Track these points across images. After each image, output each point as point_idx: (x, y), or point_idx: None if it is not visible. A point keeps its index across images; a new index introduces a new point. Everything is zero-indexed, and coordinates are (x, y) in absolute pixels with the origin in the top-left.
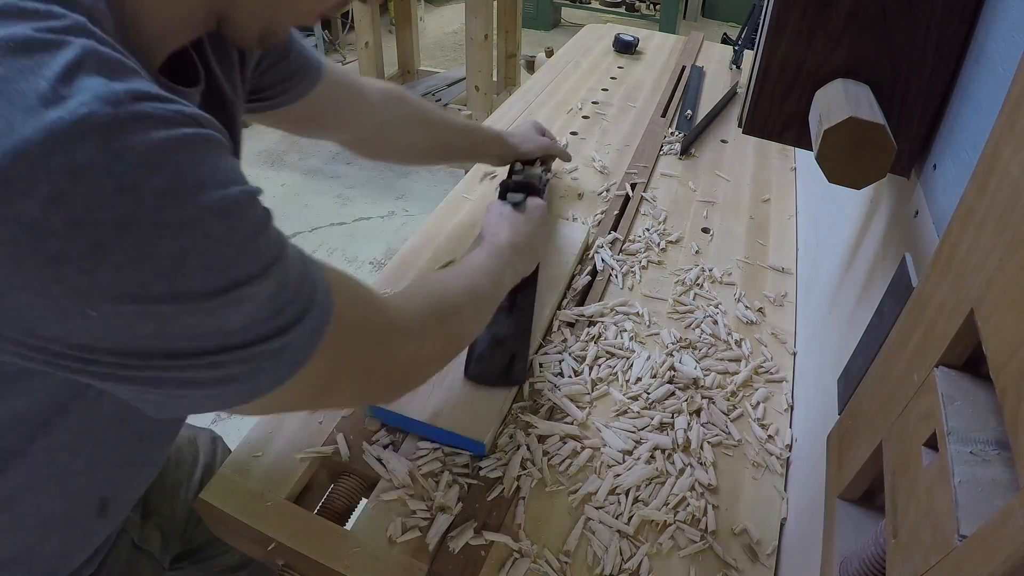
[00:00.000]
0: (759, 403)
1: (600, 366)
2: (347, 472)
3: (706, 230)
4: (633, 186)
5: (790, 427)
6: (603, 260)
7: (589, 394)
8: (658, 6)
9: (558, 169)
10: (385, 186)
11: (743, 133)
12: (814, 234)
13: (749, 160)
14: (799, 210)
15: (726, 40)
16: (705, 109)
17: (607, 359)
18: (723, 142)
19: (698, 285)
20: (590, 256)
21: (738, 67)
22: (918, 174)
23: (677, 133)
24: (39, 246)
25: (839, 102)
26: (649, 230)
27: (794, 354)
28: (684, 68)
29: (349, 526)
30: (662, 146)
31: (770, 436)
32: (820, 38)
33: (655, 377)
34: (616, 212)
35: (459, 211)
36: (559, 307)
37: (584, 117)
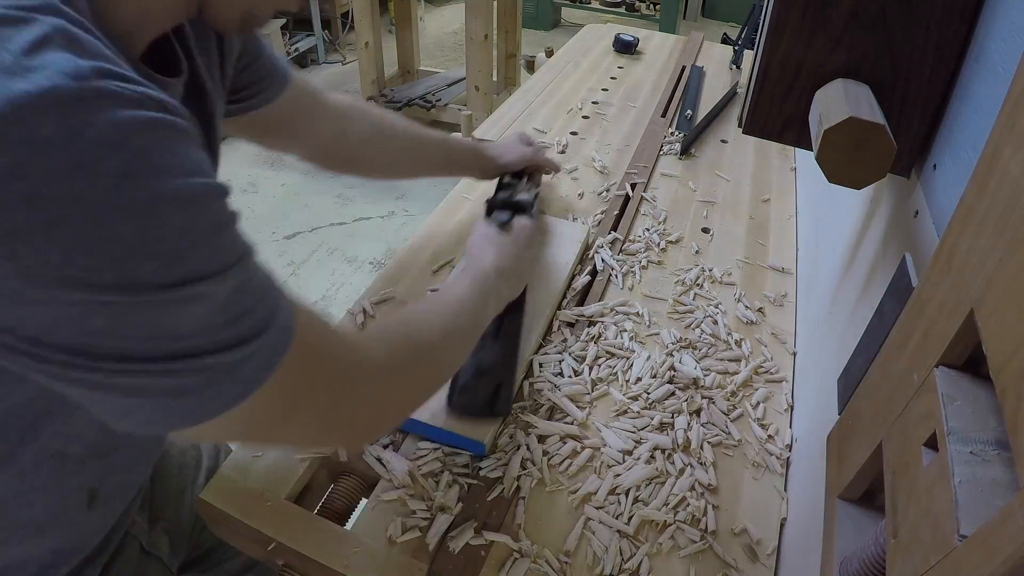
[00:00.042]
0: (759, 403)
1: (600, 366)
2: (347, 472)
3: (706, 230)
4: (633, 186)
5: (790, 427)
6: (603, 260)
7: (589, 394)
8: (658, 6)
9: (551, 177)
10: (385, 186)
11: (743, 133)
12: (814, 234)
13: (749, 160)
14: (799, 210)
15: (726, 40)
16: (705, 109)
17: (607, 359)
18: (723, 142)
19: (698, 285)
20: (590, 256)
21: (738, 67)
22: (918, 174)
23: (677, 133)
24: None
25: (839, 102)
26: (649, 230)
27: (794, 354)
28: (684, 68)
29: (349, 526)
30: (662, 146)
31: (770, 436)
32: (820, 38)
33: (655, 377)
34: (616, 212)
35: (459, 211)
36: (559, 307)
37: (584, 117)
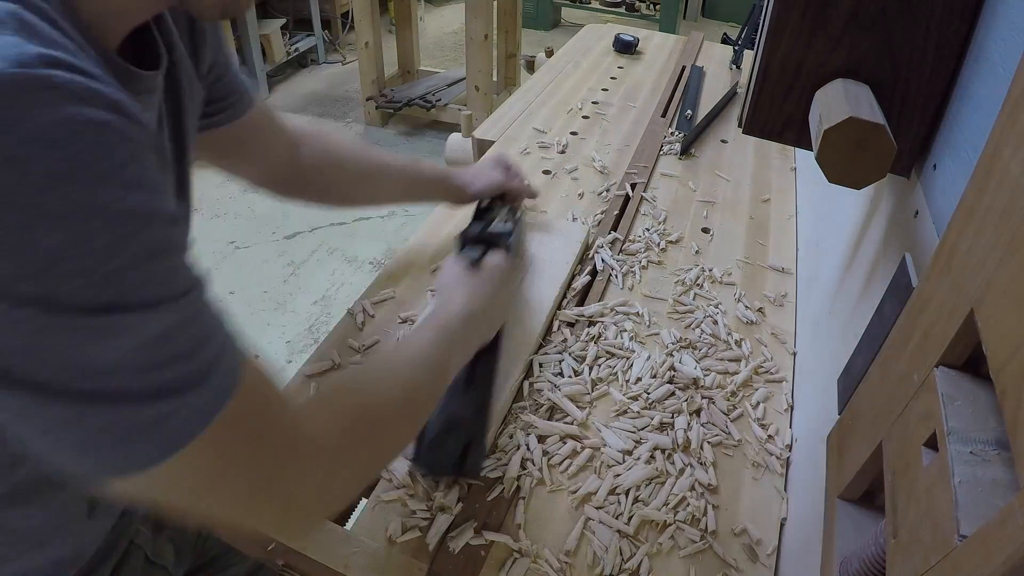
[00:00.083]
0: (759, 403)
1: (600, 366)
2: None
3: (706, 230)
4: (633, 186)
5: (790, 427)
6: (603, 260)
7: (589, 394)
8: (658, 6)
9: (533, 203)
10: None
11: (743, 133)
12: (814, 234)
13: (749, 160)
14: (799, 210)
15: (726, 40)
16: (705, 109)
17: (607, 359)
18: (723, 142)
19: (698, 285)
20: (590, 256)
21: (738, 67)
22: (918, 174)
23: (677, 133)
24: None
25: (839, 102)
26: (649, 230)
27: (794, 354)
28: (684, 68)
29: (349, 526)
30: (662, 146)
31: (770, 436)
32: (820, 38)
33: (655, 377)
34: (616, 212)
35: (459, 211)
36: (559, 307)
37: (584, 117)
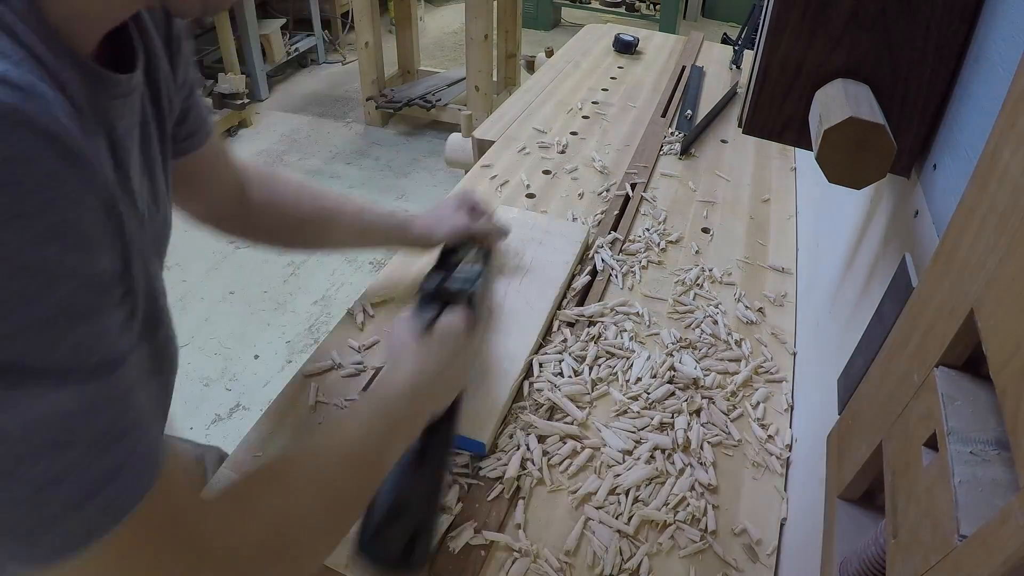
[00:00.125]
0: (759, 403)
1: (600, 366)
2: None
3: (706, 230)
4: (633, 186)
5: (790, 427)
6: (603, 260)
7: (589, 394)
8: (658, 6)
9: (505, 239)
10: (385, 186)
11: (743, 133)
12: (814, 234)
13: (749, 160)
14: (799, 210)
15: (726, 40)
16: (705, 109)
17: (607, 359)
18: (723, 142)
19: (698, 285)
20: (590, 256)
21: (738, 67)
22: (918, 174)
23: (677, 133)
24: None
25: (839, 102)
26: (649, 230)
27: (794, 354)
28: (684, 68)
29: None
30: (662, 146)
31: (770, 436)
32: (820, 38)
33: (655, 377)
34: (616, 212)
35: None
36: (559, 307)
37: (584, 117)
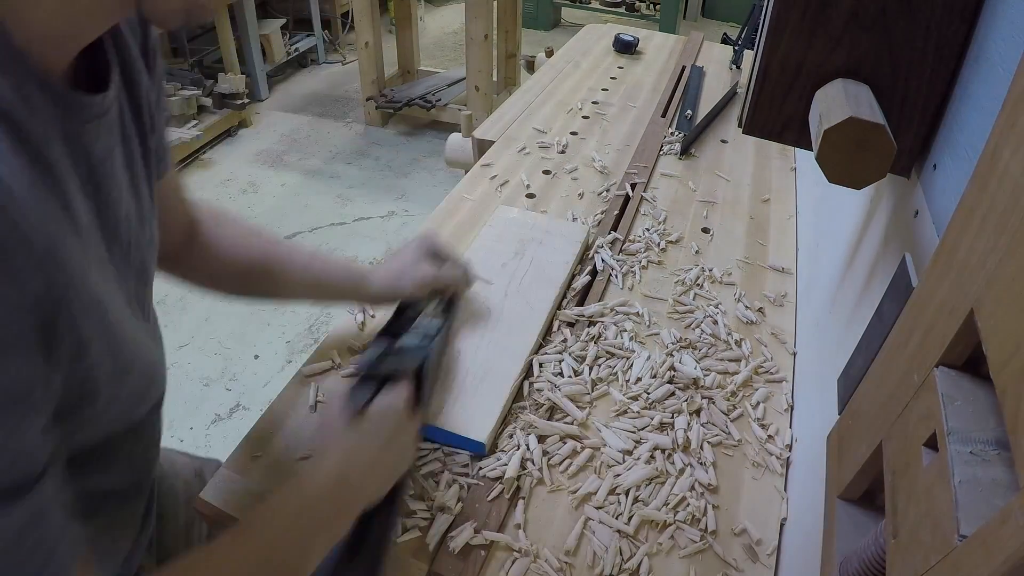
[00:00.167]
0: (759, 403)
1: (600, 366)
2: None
3: (706, 230)
4: (633, 186)
5: (790, 427)
6: (603, 260)
7: (589, 394)
8: (658, 6)
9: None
10: (385, 186)
11: (743, 133)
12: (814, 234)
13: (749, 160)
14: (799, 210)
15: (726, 40)
16: (705, 109)
17: (607, 359)
18: (723, 142)
19: (698, 285)
20: (590, 256)
21: (738, 67)
22: (918, 174)
23: (677, 133)
24: None
25: (839, 102)
26: (649, 230)
27: (794, 354)
28: (684, 68)
29: None
30: (662, 146)
31: (770, 436)
32: (820, 38)
33: (655, 377)
34: (616, 212)
35: (459, 211)
36: (559, 307)
37: (584, 117)
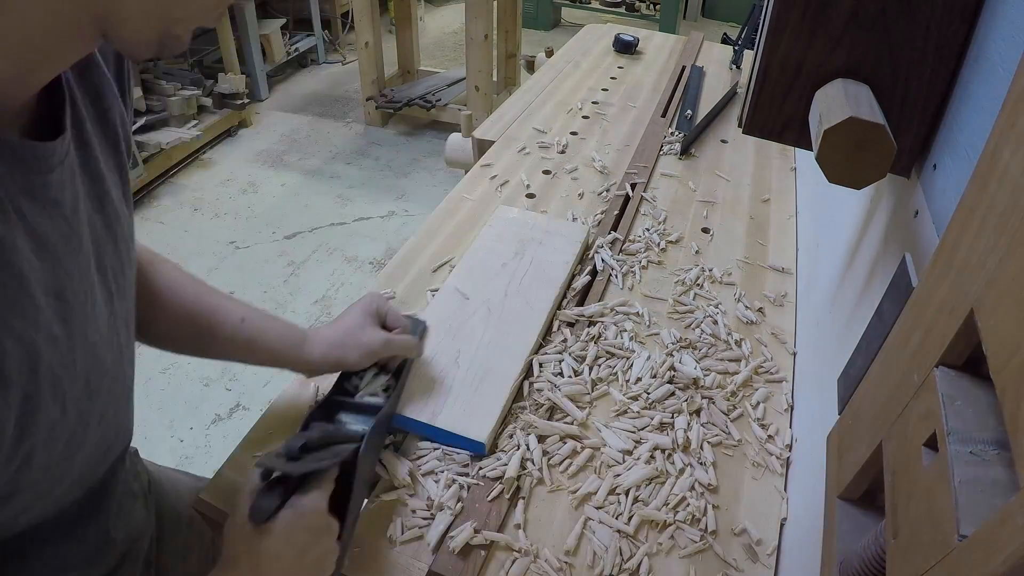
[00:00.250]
0: (759, 403)
1: (600, 366)
2: None
3: (706, 230)
4: (633, 186)
5: (790, 427)
6: (603, 260)
7: (589, 394)
8: (658, 6)
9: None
10: (385, 186)
11: (743, 133)
12: (814, 234)
13: (749, 160)
14: (799, 210)
15: (726, 40)
16: (705, 109)
17: (607, 359)
18: (723, 142)
19: (698, 285)
20: (590, 256)
21: (738, 67)
22: (918, 174)
23: (677, 133)
24: None
25: (839, 102)
26: (649, 230)
27: (794, 354)
28: (684, 68)
29: None
30: (662, 146)
31: (770, 436)
32: (820, 38)
33: (655, 377)
34: (616, 212)
35: (459, 211)
36: (559, 307)
37: (584, 117)
